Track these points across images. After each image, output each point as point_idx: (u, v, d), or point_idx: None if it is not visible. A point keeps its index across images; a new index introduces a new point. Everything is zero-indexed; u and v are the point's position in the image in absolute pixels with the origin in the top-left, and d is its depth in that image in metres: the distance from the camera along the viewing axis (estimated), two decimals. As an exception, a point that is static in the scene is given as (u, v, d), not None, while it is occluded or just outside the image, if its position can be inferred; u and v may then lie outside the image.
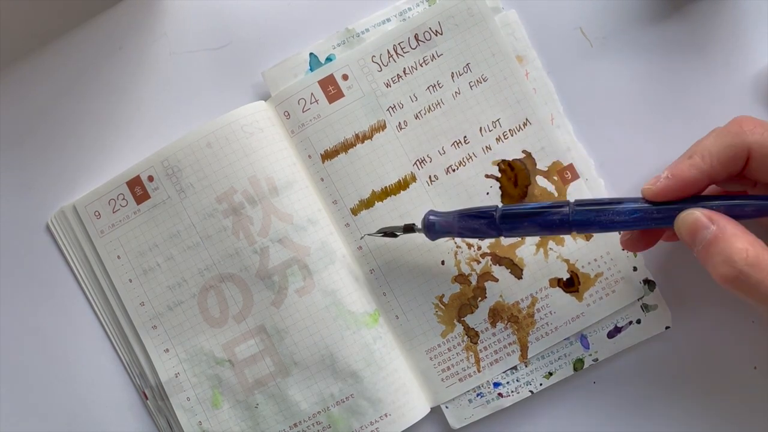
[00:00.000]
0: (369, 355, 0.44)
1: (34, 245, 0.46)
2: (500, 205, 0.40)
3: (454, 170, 0.45)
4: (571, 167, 0.44)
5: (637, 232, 0.40)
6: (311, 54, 0.45)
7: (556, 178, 0.44)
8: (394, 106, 0.45)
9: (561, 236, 0.44)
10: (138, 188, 0.45)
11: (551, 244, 0.44)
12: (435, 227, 0.41)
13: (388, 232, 0.44)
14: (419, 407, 0.44)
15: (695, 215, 0.35)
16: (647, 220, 0.37)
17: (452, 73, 0.45)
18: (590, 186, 0.44)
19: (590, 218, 0.38)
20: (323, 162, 0.45)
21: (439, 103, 0.45)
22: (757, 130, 0.36)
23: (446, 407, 0.45)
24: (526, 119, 0.44)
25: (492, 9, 0.45)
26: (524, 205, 0.39)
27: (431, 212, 0.42)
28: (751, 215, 0.35)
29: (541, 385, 0.44)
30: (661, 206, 0.37)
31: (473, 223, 0.40)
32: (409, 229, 0.43)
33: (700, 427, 0.44)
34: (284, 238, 0.44)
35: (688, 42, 0.45)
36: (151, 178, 0.44)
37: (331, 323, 0.44)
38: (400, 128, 0.45)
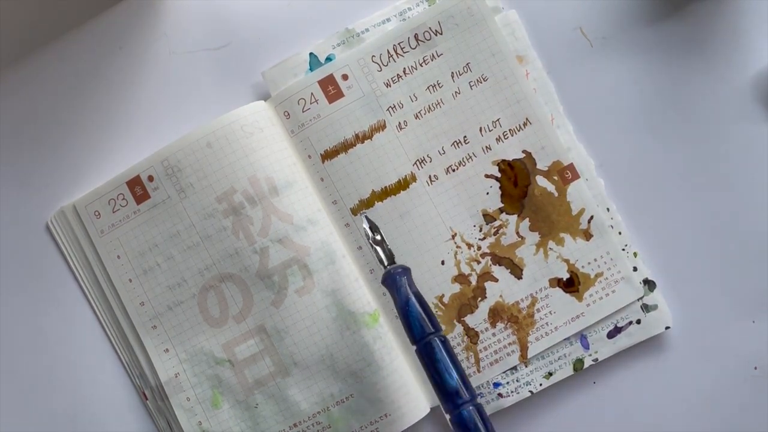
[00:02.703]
0: (369, 355, 0.43)
1: (34, 245, 0.46)
2: (439, 335, 0.40)
3: (454, 170, 0.45)
4: (571, 167, 0.44)
5: None
6: (311, 54, 0.45)
7: (556, 177, 0.44)
8: (394, 106, 0.45)
9: (561, 236, 0.44)
10: (138, 188, 0.45)
11: (551, 244, 0.44)
12: (388, 281, 0.41)
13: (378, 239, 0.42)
14: (419, 407, 0.44)
15: None
16: None
17: (452, 72, 0.45)
18: (590, 186, 0.44)
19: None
20: (323, 162, 0.45)
21: (439, 103, 0.45)
22: None
23: (446, 407, 0.45)
24: (527, 119, 0.44)
25: (492, 9, 0.45)
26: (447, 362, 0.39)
27: (406, 273, 0.41)
28: None
29: (541, 385, 0.44)
30: None
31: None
32: (383, 260, 0.41)
33: (700, 428, 0.44)
34: (284, 238, 0.44)
35: (688, 42, 0.45)
36: (151, 178, 0.44)
37: (331, 323, 0.44)
38: (400, 128, 0.45)
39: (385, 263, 0.41)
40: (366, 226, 0.42)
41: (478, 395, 0.42)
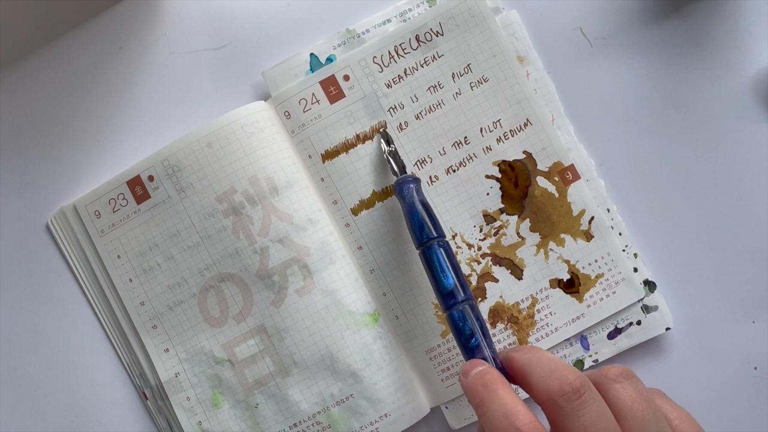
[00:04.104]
0: (369, 355, 0.44)
1: (34, 245, 0.46)
2: (439, 240, 0.40)
3: (454, 171, 0.45)
4: (572, 168, 0.44)
5: None
6: (312, 54, 0.45)
7: (557, 178, 0.44)
8: (395, 107, 0.45)
9: (562, 236, 0.44)
10: (138, 188, 0.45)
11: (552, 244, 0.44)
12: (398, 189, 0.42)
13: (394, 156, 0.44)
14: (419, 407, 0.44)
15: None
16: None
17: (453, 73, 0.45)
18: (591, 186, 0.44)
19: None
20: (323, 162, 0.45)
21: (439, 104, 0.45)
22: None
23: (446, 407, 0.45)
24: (527, 120, 0.45)
25: (493, 9, 0.45)
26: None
27: (415, 182, 0.43)
28: None
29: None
30: None
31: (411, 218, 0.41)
32: (396, 171, 0.43)
33: (699, 428, 0.44)
34: (284, 238, 0.44)
35: (688, 42, 0.45)
36: (151, 178, 0.44)
37: (331, 323, 0.44)
38: (401, 129, 0.45)
39: (398, 174, 0.43)
40: (382, 139, 0.44)
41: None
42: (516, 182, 0.44)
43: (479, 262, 0.44)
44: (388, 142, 0.44)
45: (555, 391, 0.32)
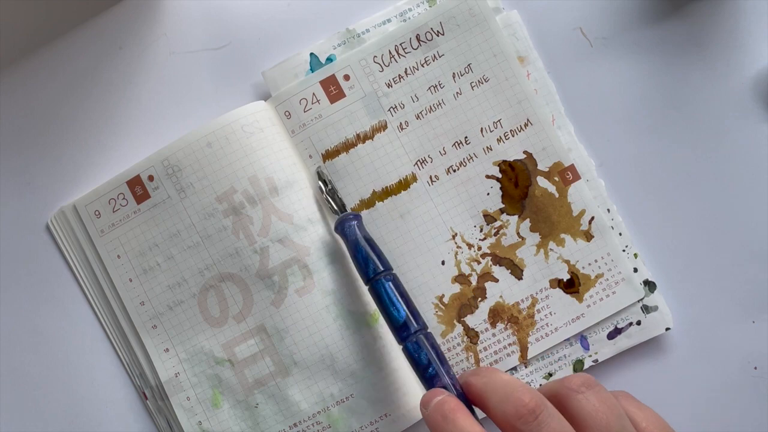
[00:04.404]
0: (369, 355, 0.44)
1: (34, 245, 0.46)
2: (387, 274, 0.41)
3: (454, 170, 0.45)
4: (572, 168, 0.44)
5: None
6: (312, 54, 0.45)
7: (557, 178, 0.44)
8: (396, 107, 0.45)
9: (562, 237, 0.44)
10: (138, 188, 0.45)
11: (552, 244, 0.44)
12: (339, 228, 0.43)
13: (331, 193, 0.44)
14: (419, 407, 0.44)
15: None
16: None
17: (453, 73, 0.45)
18: (591, 187, 0.44)
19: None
20: (324, 162, 0.45)
21: (440, 104, 0.45)
22: None
23: (446, 407, 0.45)
24: (528, 120, 0.45)
25: (493, 9, 0.45)
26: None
27: (356, 219, 0.43)
28: None
29: (540, 386, 0.44)
30: None
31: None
32: (336, 209, 0.44)
33: (700, 428, 0.44)
34: (284, 238, 0.44)
35: (688, 42, 0.45)
36: (151, 178, 0.44)
37: (331, 323, 0.44)
38: (401, 128, 0.45)
39: (339, 212, 0.43)
40: (319, 180, 0.45)
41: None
42: (516, 182, 0.45)
43: (479, 262, 0.44)
44: (325, 182, 0.44)
45: (511, 415, 0.32)
